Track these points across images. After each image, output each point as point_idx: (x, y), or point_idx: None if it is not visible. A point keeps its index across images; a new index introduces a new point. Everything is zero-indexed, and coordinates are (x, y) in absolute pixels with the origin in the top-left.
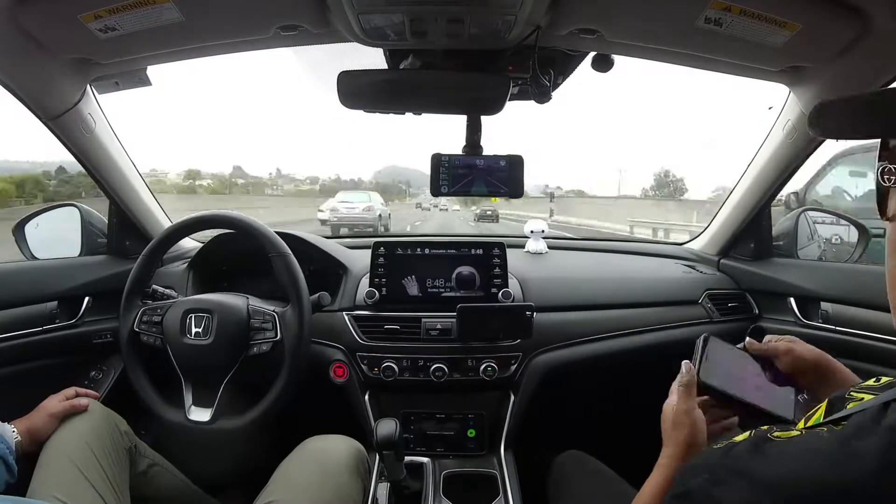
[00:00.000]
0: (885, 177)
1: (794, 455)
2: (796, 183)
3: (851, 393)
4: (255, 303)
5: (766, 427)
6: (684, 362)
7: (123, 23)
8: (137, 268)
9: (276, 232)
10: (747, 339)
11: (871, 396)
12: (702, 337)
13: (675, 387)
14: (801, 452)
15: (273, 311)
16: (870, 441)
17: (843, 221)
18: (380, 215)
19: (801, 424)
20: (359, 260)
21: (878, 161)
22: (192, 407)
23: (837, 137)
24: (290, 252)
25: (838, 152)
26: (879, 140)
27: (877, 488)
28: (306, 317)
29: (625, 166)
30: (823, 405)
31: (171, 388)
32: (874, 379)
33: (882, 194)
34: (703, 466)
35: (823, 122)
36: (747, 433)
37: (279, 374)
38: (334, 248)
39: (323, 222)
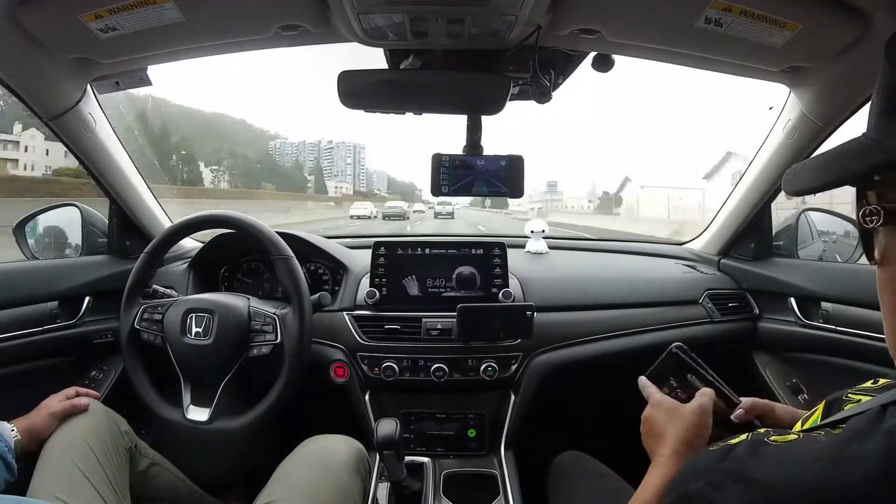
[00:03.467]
0: (866, 219)
1: (793, 459)
2: None
3: (849, 395)
4: (256, 304)
5: (763, 430)
6: (641, 378)
7: (124, 23)
8: (139, 266)
9: (276, 232)
10: (734, 416)
11: (869, 398)
12: (672, 349)
13: (651, 391)
14: (800, 456)
15: (274, 313)
16: (868, 445)
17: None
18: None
19: (798, 426)
20: (359, 260)
21: (857, 205)
22: (191, 406)
23: (815, 192)
24: (293, 254)
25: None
26: (855, 188)
27: (876, 493)
28: (307, 320)
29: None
30: (821, 407)
31: (171, 387)
32: (871, 381)
33: (866, 238)
34: (701, 470)
35: (798, 182)
36: (744, 435)
37: (278, 376)
38: (334, 248)
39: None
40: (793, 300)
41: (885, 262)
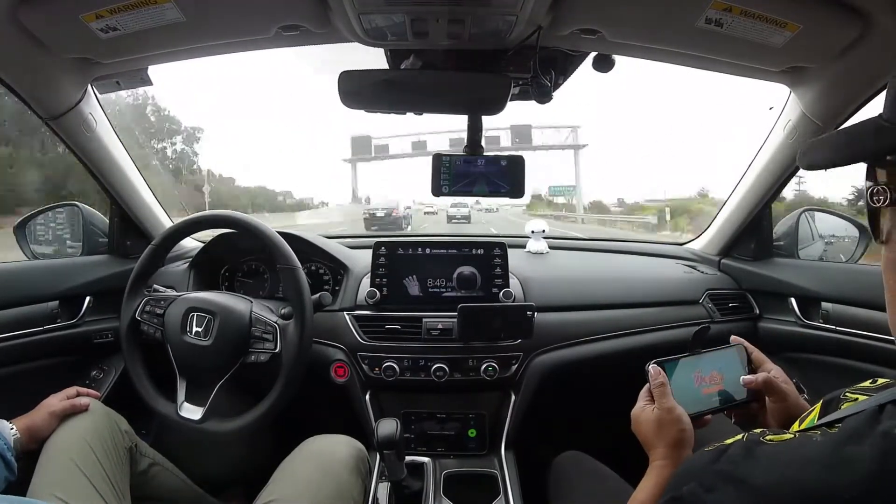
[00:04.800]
0: (874, 198)
1: (787, 460)
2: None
3: (846, 394)
4: (259, 310)
5: (758, 430)
6: (651, 366)
7: (124, 23)
8: (145, 257)
9: (277, 232)
10: (742, 378)
11: (866, 398)
12: (648, 367)
13: (643, 392)
14: (794, 457)
15: (276, 322)
16: (863, 447)
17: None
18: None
19: (794, 426)
20: (360, 260)
21: (866, 183)
22: (185, 404)
23: (826, 168)
24: (300, 265)
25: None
26: (865, 165)
27: (870, 495)
28: (307, 333)
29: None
30: (818, 406)
31: (167, 382)
32: (870, 381)
33: (873, 216)
34: (695, 472)
35: (811, 156)
36: (739, 436)
37: (274, 385)
38: (335, 248)
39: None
40: (793, 300)
41: (890, 241)
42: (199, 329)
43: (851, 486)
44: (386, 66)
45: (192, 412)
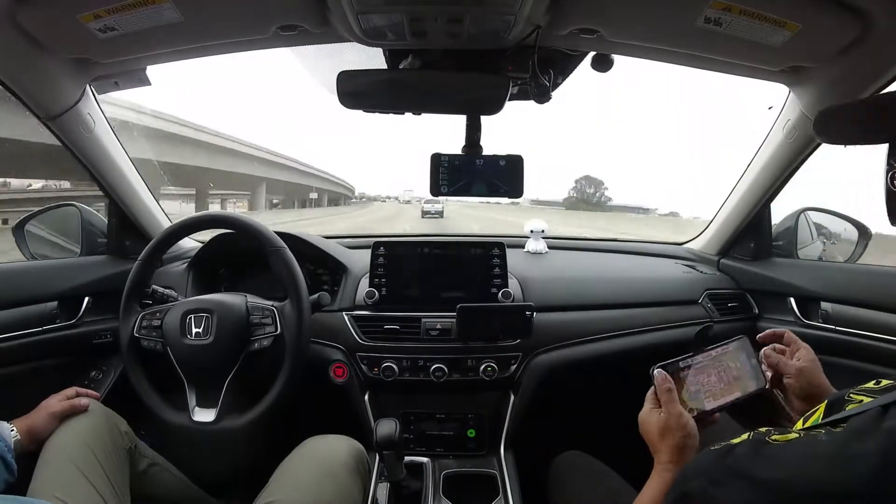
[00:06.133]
0: (894, 181)
1: (794, 457)
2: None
3: (850, 395)
4: (254, 299)
5: (764, 430)
6: (656, 370)
7: (123, 23)
8: (135, 271)
9: (276, 232)
10: (763, 352)
11: (871, 399)
12: (653, 371)
13: (649, 395)
14: (800, 455)
15: (272, 305)
16: (868, 444)
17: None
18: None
19: (798, 425)
20: (359, 260)
21: (887, 165)
22: (196, 408)
23: (846, 143)
24: (286, 245)
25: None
26: (888, 145)
27: (876, 491)
28: (305, 308)
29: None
30: (822, 406)
31: (175, 391)
32: (873, 381)
33: (892, 199)
34: (702, 469)
35: (830, 127)
36: (745, 435)
37: (281, 368)
38: (334, 248)
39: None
40: (792, 300)
41: None
42: (199, 329)
43: (858, 481)
44: (384, 66)
45: (205, 415)
